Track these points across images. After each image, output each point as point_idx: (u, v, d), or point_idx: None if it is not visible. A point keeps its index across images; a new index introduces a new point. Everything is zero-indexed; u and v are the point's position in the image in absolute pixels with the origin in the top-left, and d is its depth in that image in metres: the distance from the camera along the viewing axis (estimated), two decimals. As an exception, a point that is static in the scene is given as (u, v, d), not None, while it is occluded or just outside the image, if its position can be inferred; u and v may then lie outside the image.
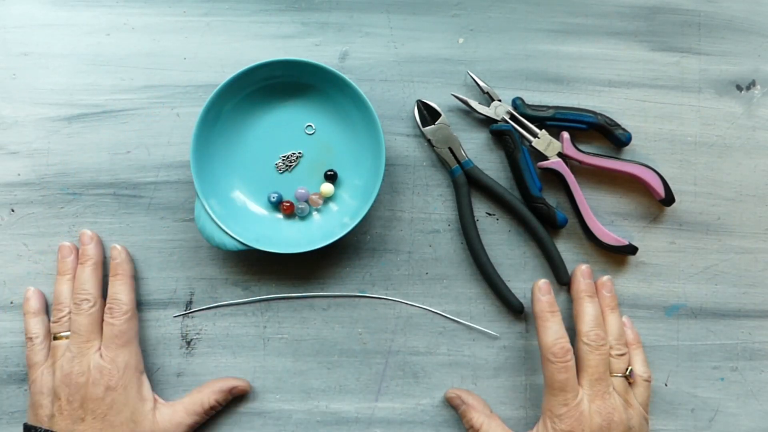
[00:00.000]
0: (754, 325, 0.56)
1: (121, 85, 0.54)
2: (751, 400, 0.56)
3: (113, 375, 0.48)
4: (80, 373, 0.48)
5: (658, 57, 0.56)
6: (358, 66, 0.55)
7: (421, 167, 0.55)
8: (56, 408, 0.48)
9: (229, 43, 0.55)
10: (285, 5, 0.55)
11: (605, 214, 0.56)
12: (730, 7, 0.57)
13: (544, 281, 0.53)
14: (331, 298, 0.54)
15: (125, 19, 0.55)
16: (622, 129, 0.54)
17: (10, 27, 0.54)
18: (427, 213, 0.55)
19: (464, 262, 0.55)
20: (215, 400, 0.51)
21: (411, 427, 0.54)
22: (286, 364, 0.54)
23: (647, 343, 0.55)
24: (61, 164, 0.54)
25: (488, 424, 0.51)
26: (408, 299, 0.55)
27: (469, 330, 0.55)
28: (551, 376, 0.49)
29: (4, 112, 0.54)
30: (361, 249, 0.55)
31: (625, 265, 0.56)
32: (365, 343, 0.54)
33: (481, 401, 0.53)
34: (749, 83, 0.57)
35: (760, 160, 0.57)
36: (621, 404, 0.49)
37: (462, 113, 0.55)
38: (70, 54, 0.54)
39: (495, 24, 0.56)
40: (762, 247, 0.56)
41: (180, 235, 0.54)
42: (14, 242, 0.53)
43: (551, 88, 0.56)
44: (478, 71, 0.55)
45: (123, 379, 0.48)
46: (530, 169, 0.54)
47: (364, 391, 0.54)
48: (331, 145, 0.53)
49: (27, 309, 0.52)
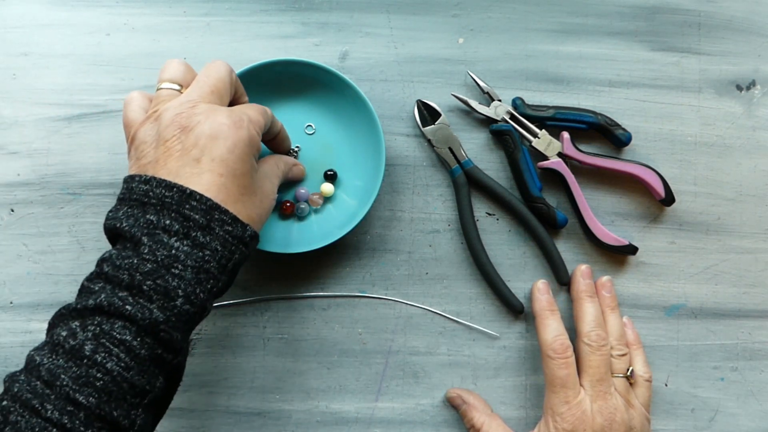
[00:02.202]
0: (754, 325, 0.56)
1: (121, 85, 0.54)
2: (751, 400, 0.56)
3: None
4: (199, 113, 0.40)
5: (658, 57, 0.56)
6: (358, 66, 0.55)
7: (421, 167, 0.55)
8: (161, 151, 0.39)
9: (230, 43, 0.55)
10: (285, 5, 0.55)
11: (605, 214, 0.56)
12: (730, 7, 0.57)
13: (542, 281, 0.53)
14: (331, 298, 0.54)
15: (125, 19, 0.55)
16: (622, 129, 0.54)
17: (10, 27, 0.54)
18: (427, 213, 0.55)
19: (464, 262, 0.55)
20: (284, 162, 0.48)
21: (411, 427, 0.54)
22: (286, 364, 0.54)
23: (647, 343, 0.55)
24: (61, 164, 0.54)
25: (489, 424, 0.51)
26: (408, 299, 0.55)
27: (469, 330, 0.55)
28: (551, 373, 0.49)
29: (4, 112, 0.54)
30: (361, 249, 0.55)
31: (625, 265, 0.56)
32: (365, 343, 0.54)
33: (482, 401, 0.53)
34: (749, 83, 0.57)
35: (760, 160, 0.57)
36: (623, 404, 0.49)
37: (462, 113, 0.55)
38: (70, 54, 0.54)
39: (495, 24, 0.56)
40: (762, 247, 0.56)
41: (180, 235, 0.54)
42: (14, 242, 0.53)
43: (551, 88, 0.56)
44: (478, 71, 0.55)
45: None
46: (530, 169, 0.54)
47: (364, 391, 0.54)
48: (331, 145, 0.53)
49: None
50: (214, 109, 0.40)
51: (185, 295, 0.37)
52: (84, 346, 0.35)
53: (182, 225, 0.38)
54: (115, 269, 0.37)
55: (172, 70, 0.43)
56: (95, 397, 0.35)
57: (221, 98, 0.42)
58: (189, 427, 0.53)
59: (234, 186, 0.40)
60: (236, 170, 0.40)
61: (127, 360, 0.35)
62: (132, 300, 0.36)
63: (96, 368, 0.35)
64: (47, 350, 0.36)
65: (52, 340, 0.36)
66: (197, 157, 0.39)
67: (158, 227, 0.37)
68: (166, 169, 0.39)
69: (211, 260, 0.38)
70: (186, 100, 0.40)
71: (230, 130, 0.39)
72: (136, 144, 0.41)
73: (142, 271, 0.36)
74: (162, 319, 0.36)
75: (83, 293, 0.38)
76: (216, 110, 0.40)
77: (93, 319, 0.36)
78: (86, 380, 0.35)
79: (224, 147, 0.39)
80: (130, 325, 0.36)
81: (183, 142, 0.39)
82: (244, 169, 0.40)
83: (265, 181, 0.44)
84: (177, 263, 0.37)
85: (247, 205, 0.40)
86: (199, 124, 0.39)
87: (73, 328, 0.36)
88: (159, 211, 0.38)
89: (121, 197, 0.40)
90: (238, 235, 0.39)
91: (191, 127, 0.39)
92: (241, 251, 0.40)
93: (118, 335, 0.35)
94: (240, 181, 0.40)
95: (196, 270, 0.37)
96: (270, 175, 0.45)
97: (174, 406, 0.53)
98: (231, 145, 0.39)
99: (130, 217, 0.38)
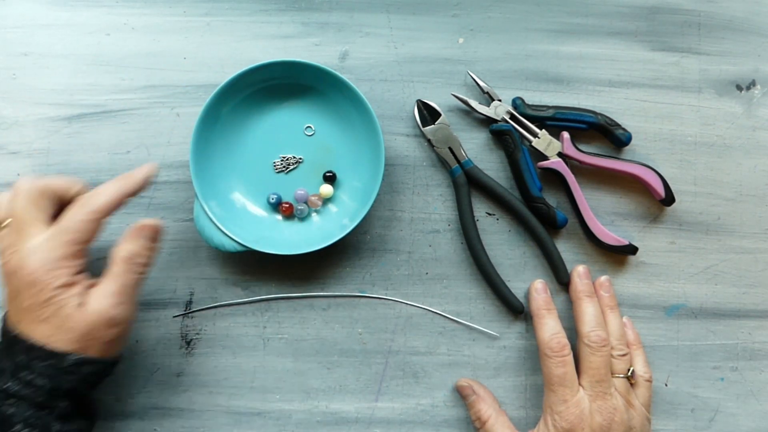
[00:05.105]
0: (754, 325, 0.56)
1: (121, 85, 0.54)
2: (751, 400, 0.56)
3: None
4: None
5: (658, 57, 0.56)
6: (358, 66, 0.55)
7: (421, 167, 0.55)
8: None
9: (229, 43, 0.55)
10: (285, 5, 0.55)
11: (605, 214, 0.56)
12: (730, 7, 0.57)
13: (540, 281, 0.54)
14: (331, 298, 0.54)
15: (125, 19, 0.55)
16: (622, 129, 0.54)
17: (10, 27, 0.54)
18: (427, 213, 0.55)
19: (464, 262, 0.55)
20: (128, 251, 0.45)
21: (411, 427, 0.54)
22: (286, 364, 0.54)
23: (647, 343, 0.55)
24: (61, 164, 0.54)
25: (495, 419, 0.51)
26: (408, 299, 0.55)
27: (469, 330, 0.55)
28: (549, 372, 0.49)
29: (4, 112, 0.54)
30: (361, 249, 0.55)
31: (625, 265, 0.56)
32: (365, 343, 0.54)
33: (491, 395, 0.53)
34: (749, 83, 0.57)
35: (760, 160, 0.57)
36: (623, 405, 0.49)
37: (462, 113, 0.55)
38: (70, 54, 0.54)
39: (495, 24, 0.56)
40: (762, 247, 0.56)
41: (180, 235, 0.54)
42: (14, 242, 0.53)
43: (551, 88, 0.56)
44: (478, 71, 0.55)
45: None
46: (530, 169, 0.54)
47: (364, 391, 0.54)
48: (330, 146, 0.53)
49: None
50: (18, 256, 0.43)
51: (23, 420, 0.41)
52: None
53: (12, 365, 0.42)
54: None
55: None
56: None
57: (26, 231, 0.43)
58: (189, 427, 0.53)
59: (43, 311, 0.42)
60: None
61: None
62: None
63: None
64: None
65: None
66: (17, 306, 0.43)
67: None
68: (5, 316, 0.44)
69: (40, 394, 0.41)
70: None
71: (35, 275, 0.42)
72: None
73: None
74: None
75: None
76: (20, 257, 0.43)
77: None
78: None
79: (33, 293, 0.42)
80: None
81: (5, 293, 0.44)
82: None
83: (101, 295, 0.44)
84: (11, 398, 0.41)
85: (68, 334, 0.42)
86: (11, 275, 0.43)
87: None
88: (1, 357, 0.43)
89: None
90: (60, 367, 0.42)
91: (5, 280, 0.44)
92: (68, 379, 0.42)
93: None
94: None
95: (29, 402, 0.41)
96: (105, 285, 0.44)
97: (174, 406, 0.53)
98: (39, 290, 0.42)
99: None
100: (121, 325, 0.44)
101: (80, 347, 0.42)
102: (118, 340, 0.44)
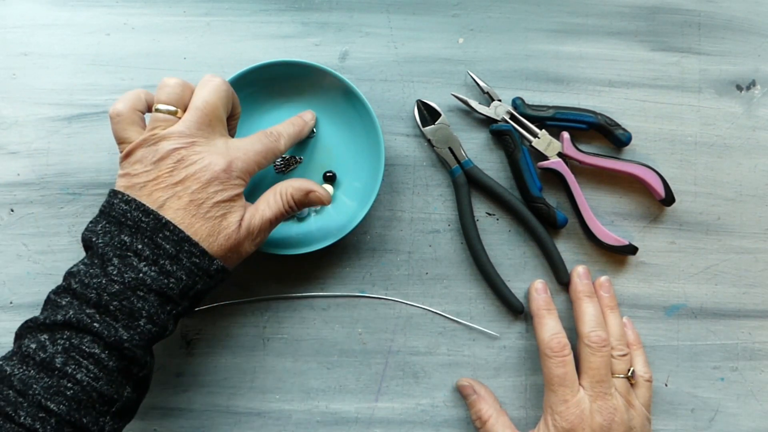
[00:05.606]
0: (754, 325, 0.56)
1: (121, 85, 0.54)
2: (751, 400, 0.56)
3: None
4: (195, 153, 0.42)
5: (658, 57, 0.56)
6: (358, 66, 0.55)
7: (421, 167, 0.55)
8: (152, 178, 0.42)
9: (229, 43, 0.55)
10: (285, 5, 0.55)
11: (605, 214, 0.56)
12: (730, 7, 0.57)
13: (540, 281, 0.54)
14: (331, 298, 0.54)
15: (125, 19, 0.55)
16: (622, 129, 0.54)
17: (10, 27, 0.54)
18: (427, 213, 0.55)
19: (464, 262, 0.55)
20: (291, 194, 0.46)
21: (411, 427, 0.54)
22: (286, 364, 0.54)
23: (647, 343, 0.55)
24: (61, 164, 0.54)
25: (496, 418, 0.51)
26: (408, 299, 0.55)
27: (469, 330, 0.55)
28: (549, 372, 0.49)
29: (4, 112, 0.54)
30: (361, 249, 0.55)
31: (625, 265, 0.56)
32: (365, 343, 0.54)
33: (492, 395, 0.53)
34: (749, 83, 0.57)
35: (760, 160, 0.57)
36: (623, 405, 0.49)
37: (462, 113, 0.55)
38: (70, 54, 0.54)
39: (495, 24, 0.56)
40: (762, 247, 0.56)
41: (180, 235, 0.54)
42: (14, 242, 0.53)
43: (551, 88, 0.56)
44: (478, 71, 0.55)
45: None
46: (530, 169, 0.54)
47: (364, 391, 0.54)
48: (330, 146, 0.53)
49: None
50: (210, 150, 0.42)
51: (148, 317, 0.40)
52: (54, 358, 0.38)
53: (153, 251, 0.40)
54: (84, 287, 0.39)
55: (168, 91, 0.44)
56: (66, 405, 0.37)
57: (217, 127, 0.44)
58: (189, 427, 0.53)
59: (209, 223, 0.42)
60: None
61: (95, 371, 0.38)
62: (99, 318, 0.39)
63: (66, 379, 0.37)
64: (17, 360, 0.38)
65: (21, 351, 0.39)
66: (181, 195, 0.41)
67: (130, 249, 0.40)
68: (152, 198, 0.41)
69: (174, 288, 0.41)
70: (186, 133, 0.42)
71: (223, 175, 0.42)
72: (131, 161, 0.42)
73: (110, 292, 0.39)
74: (126, 338, 0.39)
75: (50, 306, 0.40)
76: (211, 151, 0.42)
77: (62, 333, 0.38)
78: (57, 389, 0.37)
79: (212, 190, 0.42)
80: (98, 340, 0.38)
81: (174, 177, 0.41)
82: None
83: (255, 218, 0.44)
84: (143, 286, 0.40)
85: (221, 241, 0.42)
86: (194, 164, 0.42)
87: (42, 341, 0.38)
88: (133, 234, 0.40)
89: (102, 210, 0.42)
90: (204, 268, 0.42)
91: (185, 165, 0.42)
92: (205, 281, 0.42)
93: (87, 349, 0.38)
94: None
95: (160, 295, 0.40)
96: (262, 210, 0.45)
97: (174, 406, 0.53)
98: (220, 190, 0.42)
99: (107, 234, 0.40)
100: (252, 252, 0.45)
101: (222, 258, 0.43)
102: (239, 263, 0.45)
